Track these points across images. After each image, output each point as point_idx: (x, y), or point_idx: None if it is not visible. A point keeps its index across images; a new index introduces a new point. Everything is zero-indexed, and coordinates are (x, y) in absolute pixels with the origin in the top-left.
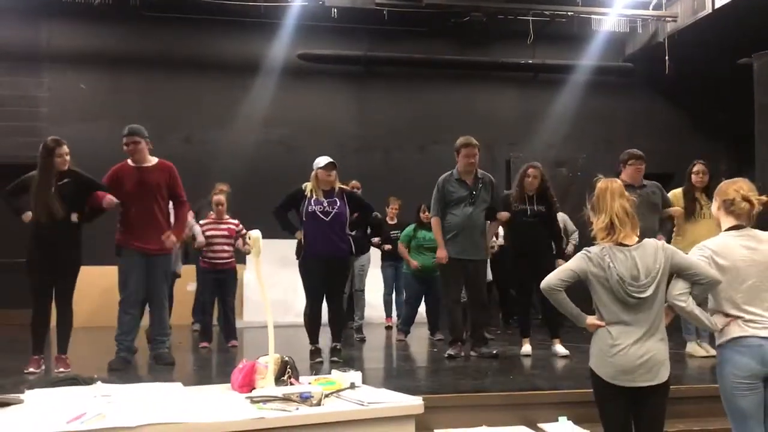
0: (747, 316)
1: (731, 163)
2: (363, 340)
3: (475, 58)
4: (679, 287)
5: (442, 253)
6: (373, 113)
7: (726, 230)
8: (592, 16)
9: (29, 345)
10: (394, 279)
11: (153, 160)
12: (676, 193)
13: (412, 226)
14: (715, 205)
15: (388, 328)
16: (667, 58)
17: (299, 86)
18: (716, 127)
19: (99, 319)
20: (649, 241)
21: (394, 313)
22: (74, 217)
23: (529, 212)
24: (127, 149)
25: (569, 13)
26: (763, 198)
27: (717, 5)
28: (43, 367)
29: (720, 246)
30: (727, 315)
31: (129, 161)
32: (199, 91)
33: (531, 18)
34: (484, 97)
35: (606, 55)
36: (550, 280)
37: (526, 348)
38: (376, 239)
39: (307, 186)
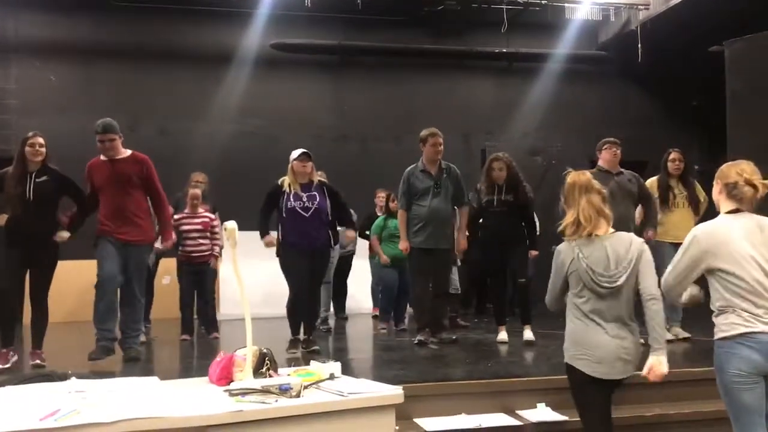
0: (752, 309)
1: (704, 150)
2: (329, 331)
3: (449, 47)
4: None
5: (404, 245)
6: (349, 103)
7: (726, 213)
8: (566, 5)
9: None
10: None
11: (126, 153)
12: (651, 182)
13: (382, 217)
14: (716, 189)
15: (376, 317)
16: (639, 46)
17: (274, 76)
18: (689, 115)
19: (81, 313)
20: (621, 233)
21: None
22: (64, 236)
23: (495, 202)
24: (102, 147)
25: (543, 2)
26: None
27: None
28: (15, 358)
29: (716, 229)
30: (727, 307)
31: (101, 156)
32: (172, 81)
33: (505, 6)
34: (459, 86)
35: (579, 43)
36: (549, 304)
37: (503, 335)
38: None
39: (285, 180)
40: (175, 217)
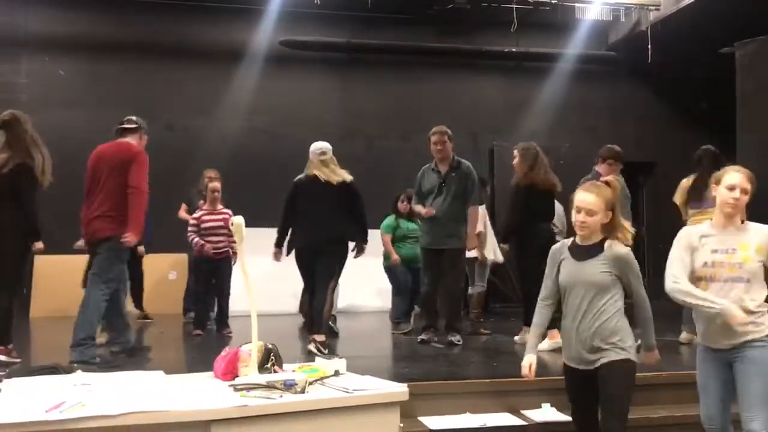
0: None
1: None
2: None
3: (458, 45)
4: None
5: (427, 210)
6: (357, 101)
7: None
8: (576, 4)
9: None
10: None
11: None
12: (688, 181)
13: (392, 217)
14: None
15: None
16: (649, 46)
17: (282, 73)
18: (698, 116)
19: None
20: None
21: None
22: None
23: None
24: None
25: (553, 1)
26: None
27: None
28: None
29: None
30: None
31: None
32: (181, 77)
33: (515, 6)
34: (467, 86)
35: (589, 43)
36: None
37: (522, 337)
38: None
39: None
40: (195, 214)
